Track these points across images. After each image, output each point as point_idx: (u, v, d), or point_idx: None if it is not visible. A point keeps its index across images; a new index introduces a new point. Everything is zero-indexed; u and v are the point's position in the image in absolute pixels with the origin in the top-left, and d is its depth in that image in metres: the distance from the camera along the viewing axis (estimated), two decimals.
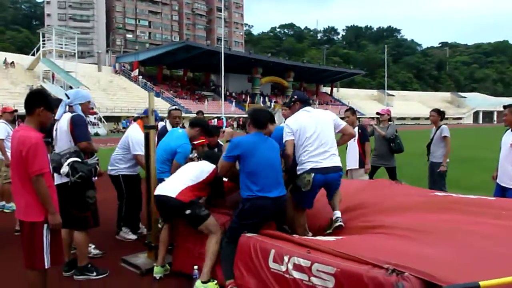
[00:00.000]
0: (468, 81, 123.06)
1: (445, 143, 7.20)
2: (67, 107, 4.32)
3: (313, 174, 3.85)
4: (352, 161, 7.03)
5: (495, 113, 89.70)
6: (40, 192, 3.17)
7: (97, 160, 4.29)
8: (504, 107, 5.44)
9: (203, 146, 5.41)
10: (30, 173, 3.15)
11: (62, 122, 4.22)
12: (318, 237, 3.45)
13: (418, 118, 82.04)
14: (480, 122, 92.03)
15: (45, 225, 3.24)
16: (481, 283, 2.07)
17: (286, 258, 3.15)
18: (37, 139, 3.22)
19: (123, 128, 38.60)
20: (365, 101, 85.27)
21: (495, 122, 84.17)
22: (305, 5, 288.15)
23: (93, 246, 4.91)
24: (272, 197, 3.65)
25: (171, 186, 4.01)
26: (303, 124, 4.06)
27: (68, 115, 4.24)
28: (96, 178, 4.28)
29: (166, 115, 6.41)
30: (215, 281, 3.75)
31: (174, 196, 3.91)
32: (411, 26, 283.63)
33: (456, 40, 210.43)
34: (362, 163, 6.97)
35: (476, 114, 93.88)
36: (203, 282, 3.70)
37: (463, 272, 2.51)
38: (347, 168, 7.12)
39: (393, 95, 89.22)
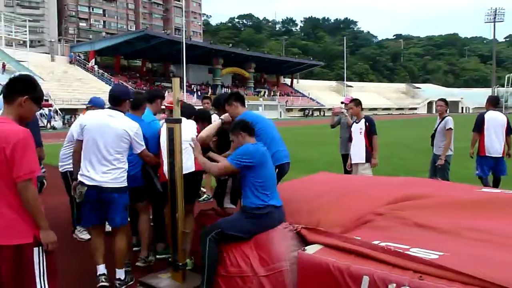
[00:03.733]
0: (421, 72, 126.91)
1: (447, 135, 6.96)
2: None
3: None
4: (358, 155, 6.61)
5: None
6: (30, 202, 2.45)
7: (44, 172, 3.64)
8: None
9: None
10: (16, 177, 2.41)
11: None
12: (410, 252, 2.70)
13: (375, 109, 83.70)
14: (434, 112, 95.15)
15: (36, 248, 2.49)
16: None
17: None
18: (26, 133, 2.49)
19: None
20: (324, 92, 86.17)
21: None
22: None
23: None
24: (278, 205, 3.65)
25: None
26: None
27: None
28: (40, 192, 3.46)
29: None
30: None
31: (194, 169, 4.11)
32: (367, 18, 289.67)
33: (410, 32, 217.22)
34: (369, 157, 6.54)
35: (430, 104, 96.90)
36: None
37: None
38: (352, 162, 6.76)
39: (351, 86, 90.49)
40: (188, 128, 4.18)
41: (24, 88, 2.61)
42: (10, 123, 2.52)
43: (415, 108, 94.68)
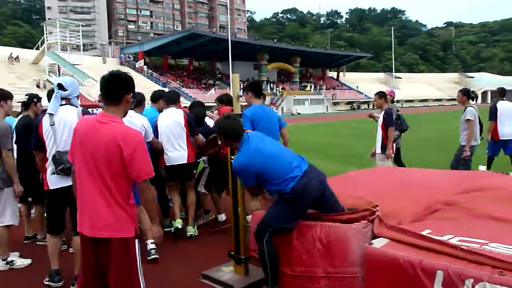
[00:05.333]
0: (475, 61, 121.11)
1: (468, 126, 6.82)
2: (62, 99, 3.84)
3: None
4: (377, 145, 6.92)
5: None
6: (148, 200, 2.68)
7: None
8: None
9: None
10: (137, 177, 2.54)
11: (67, 117, 3.69)
12: (488, 247, 2.56)
13: (426, 100, 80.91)
14: (489, 101, 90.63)
15: (136, 241, 2.62)
16: None
17: (469, 284, 2.32)
18: (141, 135, 2.68)
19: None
20: (372, 84, 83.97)
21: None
22: None
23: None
24: (303, 172, 3.43)
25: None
26: None
27: (75, 110, 3.81)
28: None
29: None
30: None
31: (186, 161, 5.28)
32: (415, 7, 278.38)
33: (461, 19, 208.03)
34: (384, 148, 6.71)
35: (484, 94, 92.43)
36: None
37: None
38: (376, 152, 7.00)
39: (400, 78, 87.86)
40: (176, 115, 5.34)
41: (128, 84, 2.67)
42: (122, 123, 2.62)
43: None
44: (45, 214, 4.60)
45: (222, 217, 5.65)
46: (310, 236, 3.23)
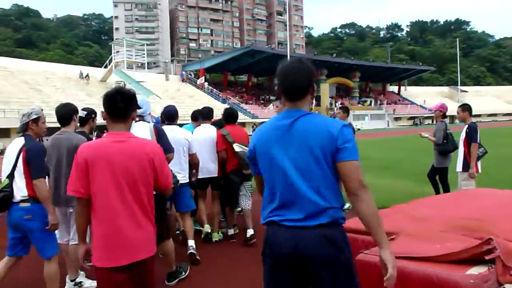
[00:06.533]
0: None
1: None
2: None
3: None
4: (458, 163, 6.28)
5: None
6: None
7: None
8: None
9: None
10: (167, 183, 2.60)
11: (141, 133, 3.67)
12: None
13: (495, 115, 76.50)
14: None
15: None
16: None
17: None
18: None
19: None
20: (435, 98, 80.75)
21: None
22: (366, 3, 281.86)
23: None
24: (288, 224, 2.19)
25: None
26: None
27: (147, 125, 4.04)
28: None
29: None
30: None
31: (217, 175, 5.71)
32: (481, 17, 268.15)
33: None
34: (467, 166, 6.08)
35: None
36: None
37: None
38: (456, 171, 6.35)
39: (466, 91, 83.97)
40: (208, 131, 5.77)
41: (134, 101, 2.57)
42: (136, 137, 2.54)
43: None
44: None
45: (251, 231, 5.50)
46: None
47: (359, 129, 55.72)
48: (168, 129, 4.59)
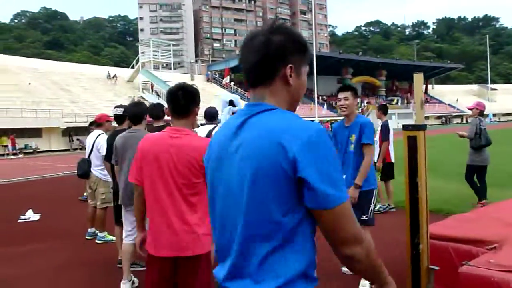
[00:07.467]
0: None
1: None
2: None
3: None
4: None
5: None
6: None
7: None
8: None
9: None
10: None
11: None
12: None
13: None
14: None
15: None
16: None
17: None
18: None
19: None
20: (464, 97, 78.87)
21: None
22: (390, 1, 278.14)
23: None
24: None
25: None
26: None
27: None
28: None
29: None
30: None
31: None
32: (511, 13, 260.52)
33: None
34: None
35: None
36: None
37: None
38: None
39: (496, 89, 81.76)
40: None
41: (196, 97, 2.54)
42: (193, 134, 2.56)
43: None
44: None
45: None
46: None
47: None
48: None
